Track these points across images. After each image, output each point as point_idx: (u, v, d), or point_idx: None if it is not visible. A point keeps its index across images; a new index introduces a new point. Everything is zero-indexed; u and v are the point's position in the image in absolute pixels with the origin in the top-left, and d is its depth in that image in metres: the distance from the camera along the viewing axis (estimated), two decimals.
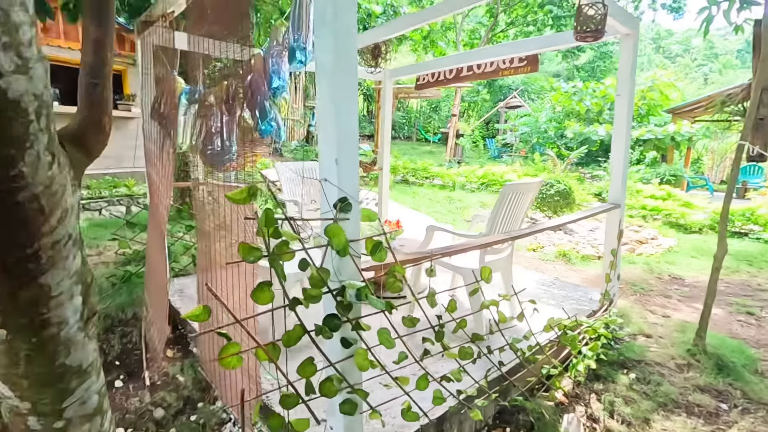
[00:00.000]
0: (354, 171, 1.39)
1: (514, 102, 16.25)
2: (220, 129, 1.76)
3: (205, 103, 1.97)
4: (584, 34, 2.30)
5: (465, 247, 1.87)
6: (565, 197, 6.65)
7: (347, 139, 1.35)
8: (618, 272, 3.24)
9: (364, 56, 3.27)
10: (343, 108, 1.32)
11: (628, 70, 3.09)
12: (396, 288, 1.55)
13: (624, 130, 3.14)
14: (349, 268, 1.42)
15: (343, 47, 1.29)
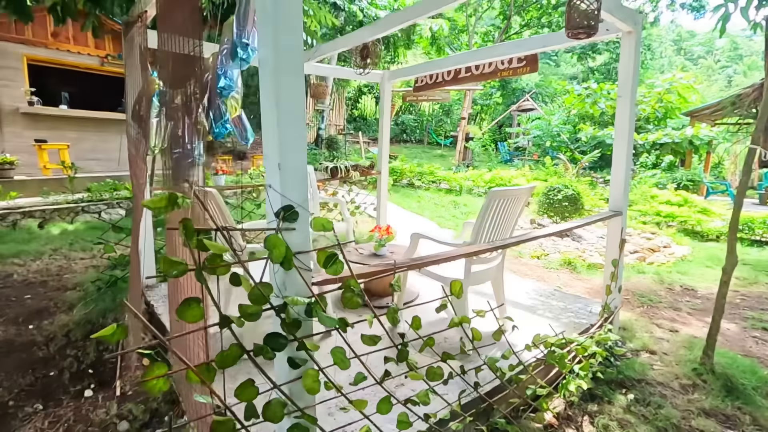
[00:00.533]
0: (301, 177, 1.28)
1: (526, 105, 15.96)
2: (182, 132, 1.68)
3: (171, 105, 1.89)
4: (576, 31, 2.15)
5: (438, 258, 1.74)
6: (573, 203, 6.43)
7: (292, 142, 1.24)
8: (620, 284, 3.05)
9: (353, 57, 3.18)
10: (286, 109, 1.21)
11: (630, 70, 2.91)
12: (353, 304, 1.43)
13: (626, 134, 2.96)
14: (296, 282, 1.31)
15: (285, 42, 1.18)
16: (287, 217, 1.26)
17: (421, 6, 2.53)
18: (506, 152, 16.76)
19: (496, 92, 24.01)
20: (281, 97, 1.20)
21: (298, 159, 1.26)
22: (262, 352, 1.24)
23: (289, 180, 1.25)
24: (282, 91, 1.20)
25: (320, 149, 14.82)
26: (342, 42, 3.25)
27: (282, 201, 1.25)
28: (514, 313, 3.08)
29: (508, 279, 3.95)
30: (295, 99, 1.22)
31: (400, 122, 22.73)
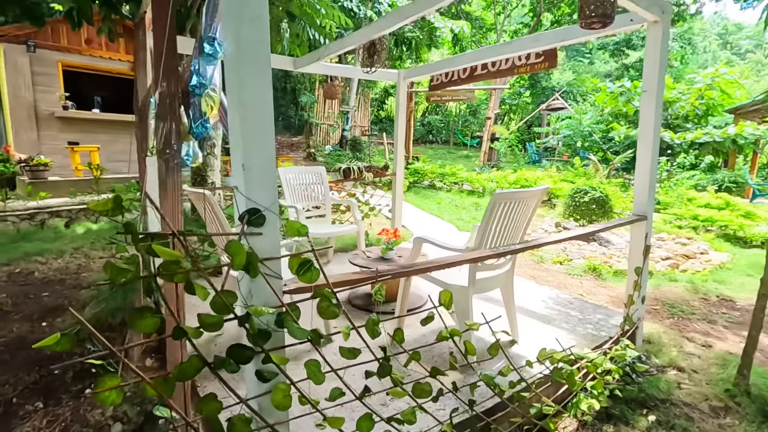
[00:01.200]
0: (268, 179, 1.20)
1: (556, 104, 15.43)
2: (168, 132, 1.63)
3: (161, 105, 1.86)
4: (589, 20, 1.98)
5: (428, 265, 1.62)
6: (601, 205, 6.11)
7: (258, 142, 1.17)
8: (643, 294, 2.83)
9: (359, 56, 3.09)
10: (249, 105, 1.14)
11: (656, 63, 2.69)
12: (330, 314, 1.34)
13: (651, 132, 2.74)
14: (264, 290, 1.23)
15: (247, 34, 1.11)
16: (253, 222, 1.18)
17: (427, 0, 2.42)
18: (534, 153, 16.28)
19: (525, 91, 23.43)
20: (244, 94, 1.13)
21: (264, 159, 1.18)
22: (224, 365, 1.16)
23: (254, 181, 1.17)
24: (245, 86, 1.12)
25: (344, 150, 14.86)
26: (349, 40, 3.17)
27: (247, 204, 1.18)
28: (527, 323, 2.91)
29: (525, 286, 3.76)
30: (259, 95, 1.15)
31: (426, 123, 22.52)
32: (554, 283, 4.39)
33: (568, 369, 1.91)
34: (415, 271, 1.57)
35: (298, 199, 4.07)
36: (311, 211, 4.16)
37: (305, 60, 3.83)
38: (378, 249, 3.37)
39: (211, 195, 2.15)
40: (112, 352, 1.05)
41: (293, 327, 1.24)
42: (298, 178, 4.08)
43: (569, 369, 1.91)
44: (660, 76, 2.71)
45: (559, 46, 3.45)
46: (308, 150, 15.02)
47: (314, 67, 3.91)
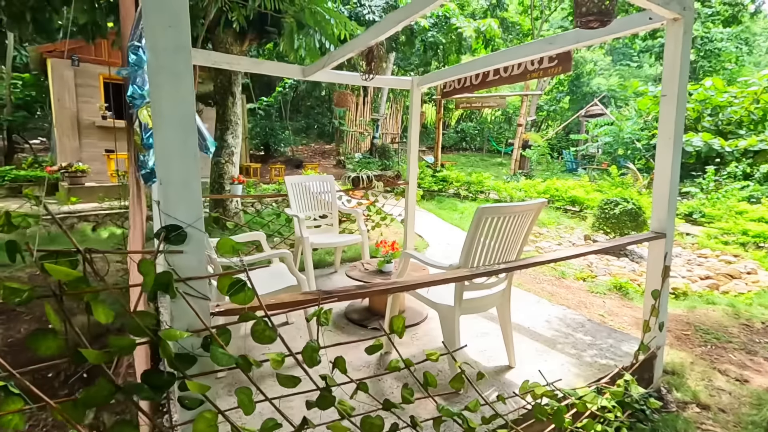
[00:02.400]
0: (191, 194, 1.13)
1: (594, 110, 14.71)
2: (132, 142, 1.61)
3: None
4: (585, 19, 1.80)
5: (388, 287, 1.49)
6: (633, 218, 5.69)
7: (178, 155, 1.10)
8: (662, 320, 2.54)
9: (357, 63, 3.02)
10: (167, 114, 1.07)
11: (676, 64, 2.44)
12: (265, 338, 1.24)
13: (671, 140, 2.48)
14: (187, 312, 1.15)
15: (165, 38, 1.04)
16: (172, 239, 1.11)
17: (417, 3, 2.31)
18: (571, 160, 15.60)
19: (564, 97, 22.62)
20: (162, 101, 1.06)
21: (186, 173, 1.11)
22: (138, 390, 1.10)
23: (174, 196, 1.11)
24: (162, 96, 1.06)
25: (374, 158, 14.87)
26: (349, 47, 3.11)
27: (166, 220, 1.11)
28: (528, 346, 2.69)
29: (535, 304, 3.52)
30: (178, 105, 1.08)
31: (460, 130, 22.18)
32: (573, 302, 4.09)
33: (555, 405, 1.71)
34: (370, 292, 1.44)
35: (304, 208, 4.03)
36: (318, 220, 4.11)
37: (312, 68, 3.80)
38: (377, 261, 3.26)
39: None
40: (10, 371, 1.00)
41: (217, 352, 1.16)
42: (304, 186, 4.04)
43: (556, 405, 1.71)
44: (681, 78, 2.45)
45: (575, 48, 3.23)
46: (338, 157, 15.16)
47: (322, 75, 3.87)
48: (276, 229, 4.56)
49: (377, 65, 2.85)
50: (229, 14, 4.61)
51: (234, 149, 5.57)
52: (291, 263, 2.36)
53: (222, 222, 4.56)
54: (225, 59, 3.68)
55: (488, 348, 2.65)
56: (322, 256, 4.61)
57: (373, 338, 1.34)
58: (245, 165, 11.26)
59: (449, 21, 10.76)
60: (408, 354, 2.61)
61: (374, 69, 2.92)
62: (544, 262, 2.01)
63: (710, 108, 10.79)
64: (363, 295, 1.43)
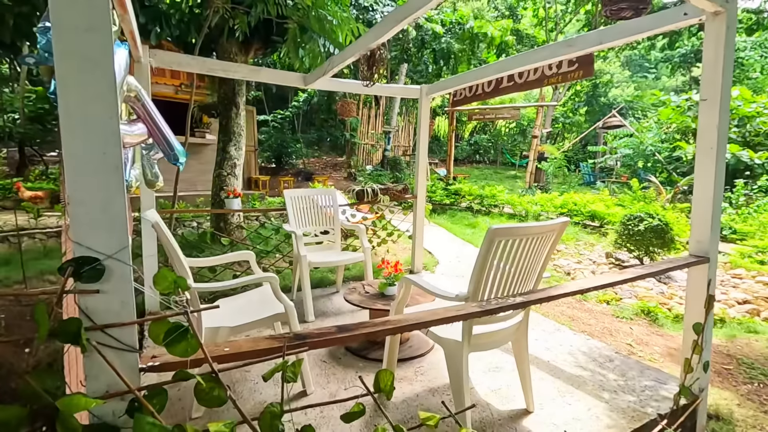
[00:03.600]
0: (114, 217, 0.87)
1: (613, 121, 14.26)
2: None
3: None
4: (616, 7, 1.52)
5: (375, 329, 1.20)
6: (660, 235, 5.29)
7: (92, 167, 0.85)
8: (707, 359, 2.19)
9: (359, 68, 2.78)
10: (79, 118, 0.83)
11: (718, 64, 2.13)
12: (213, 401, 0.97)
13: (713, 149, 2.17)
14: (105, 369, 0.89)
15: (75, 16, 0.80)
16: (84, 275, 0.85)
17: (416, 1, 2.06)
18: (589, 173, 15.13)
19: (580, 108, 22.17)
20: (69, 97, 0.82)
21: (105, 189, 0.86)
22: None
23: (88, 220, 0.85)
24: (70, 87, 0.82)
25: (385, 170, 14.65)
26: (348, 52, 2.88)
27: (77, 251, 0.85)
28: (549, 385, 2.36)
29: (555, 333, 3.17)
30: (93, 99, 0.83)
31: (473, 142, 21.89)
32: (597, 328, 3.71)
33: None
34: (352, 337, 1.16)
35: (304, 224, 3.78)
36: (320, 236, 3.85)
37: (313, 76, 3.59)
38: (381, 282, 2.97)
39: (155, 220, 1.89)
40: None
41: (143, 423, 0.88)
42: (305, 200, 3.80)
43: None
44: (725, 80, 2.14)
45: (597, 51, 2.94)
46: (349, 170, 14.98)
47: (323, 83, 3.66)
48: (276, 244, 4.32)
49: (379, 69, 2.61)
50: (230, 22, 4.46)
51: (237, 161, 5.38)
52: (276, 288, 2.09)
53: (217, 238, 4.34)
54: (221, 66, 3.50)
55: (502, 386, 2.32)
56: (324, 274, 4.34)
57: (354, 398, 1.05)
58: (254, 177, 11.14)
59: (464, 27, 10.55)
60: (412, 392, 2.31)
61: (376, 73, 2.67)
62: (570, 294, 1.71)
63: (737, 119, 10.29)
64: (342, 340, 1.15)
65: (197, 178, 8.90)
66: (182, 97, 8.82)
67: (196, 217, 6.17)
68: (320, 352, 2.68)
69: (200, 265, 2.60)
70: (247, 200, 7.82)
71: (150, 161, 2.61)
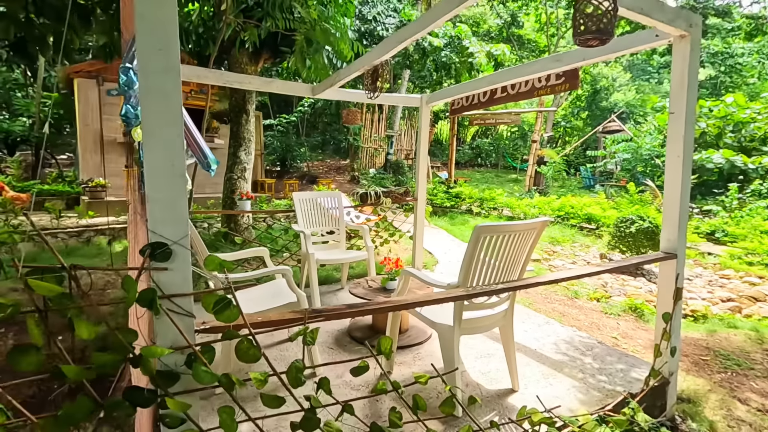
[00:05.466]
0: (177, 212, 1.15)
1: (612, 126, 14.50)
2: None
3: None
4: (584, 37, 1.78)
5: (375, 306, 1.47)
6: (650, 237, 5.53)
7: (165, 174, 1.12)
8: (675, 344, 2.44)
9: (364, 81, 3.06)
10: (157, 137, 1.10)
11: (683, 82, 2.39)
12: (250, 357, 1.24)
13: (680, 157, 2.42)
14: (170, 329, 1.16)
15: (155, 64, 1.08)
16: (157, 256, 1.13)
17: (420, 22, 2.34)
18: (588, 177, 15.36)
19: (581, 113, 22.42)
20: (151, 122, 1.09)
21: (172, 192, 1.13)
22: (118, 407, 1.10)
23: (160, 214, 1.12)
24: (152, 115, 1.09)
25: (388, 173, 14.94)
26: (355, 66, 3.16)
27: (152, 238, 1.13)
28: (534, 369, 2.61)
29: (544, 325, 3.42)
30: (167, 123, 1.10)
31: (475, 146, 22.16)
32: (585, 323, 3.96)
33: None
34: (359, 312, 1.43)
35: (311, 224, 4.05)
36: (326, 236, 4.12)
37: (321, 87, 3.87)
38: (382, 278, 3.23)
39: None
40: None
41: (199, 371, 1.15)
42: (312, 202, 4.07)
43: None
44: (690, 96, 2.40)
45: (581, 66, 3.21)
46: (352, 173, 15.27)
47: (330, 93, 3.94)
48: (284, 244, 4.59)
49: (382, 84, 2.89)
50: (241, 35, 4.76)
51: (247, 165, 5.67)
52: (290, 279, 2.36)
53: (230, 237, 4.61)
54: (236, 79, 3.78)
55: (492, 370, 2.58)
56: (330, 272, 4.61)
57: (360, 358, 1.32)
58: (260, 180, 11.44)
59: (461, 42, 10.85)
60: (409, 374, 2.56)
61: (379, 88, 2.95)
62: (546, 283, 1.97)
63: (732, 124, 10.52)
64: (351, 314, 1.42)
65: (206, 181, 9.20)
66: (192, 103, 9.14)
67: (207, 218, 6.46)
68: (328, 340, 2.94)
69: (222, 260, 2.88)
70: (255, 202, 8.11)
71: None
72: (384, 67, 2.85)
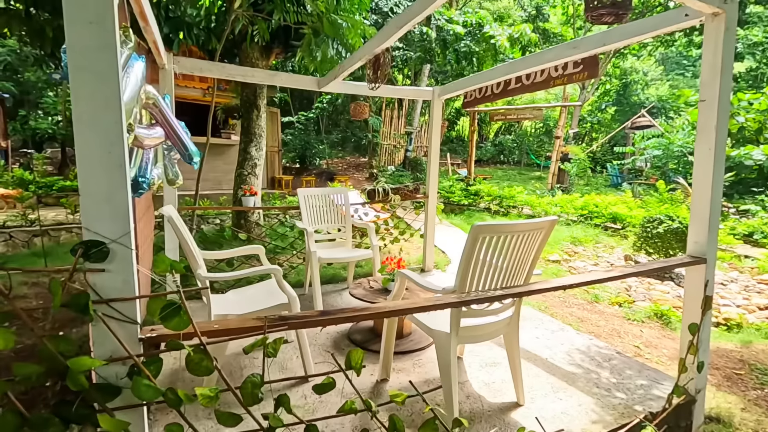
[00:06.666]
0: (117, 207, 1.02)
1: (642, 121, 13.83)
2: None
3: None
4: (597, 13, 1.58)
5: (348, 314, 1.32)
6: (679, 238, 5.16)
7: (99, 164, 1.00)
8: (703, 359, 2.19)
9: (365, 71, 2.90)
10: (90, 122, 0.98)
11: (716, 65, 2.14)
12: (202, 370, 1.11)
13: (711, 150, 2.17)
14: (107, 337, 1.04)
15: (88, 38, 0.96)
16: (92, 256, 1.01)
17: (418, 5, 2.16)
18: (616, 174, 14.73)
19: (609, 107, 21.59)
20: (82, 105, 0.97)
21: (110, 183, 1.01)
22: (47, 425, 0.99)
23: (93, 209, 1.00)
24: (83, 97, 0.97)
25: (406, 171, 14.75)
26: (357, 56, 3.00)
27: (86, 236, 1.01)
28: (543, 381, 2.41)
29: (559, 332, 3.19)
30: (101, 107, 0.98)
31: (498, 143, 21.68)
32: (605, 330, 3.69)
33: None
34: (321, 321, 1.27)
35: (317, 221, 3.93)
36: (332, 234, 4.00)
37: (326, 79, 3.74)
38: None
39: (168, 214, 2.07)
40: None
41: (140, 384, 1.03)
42: (317, 199, 3.95)
43: None
44: (723, 81, 2.14)
45: (601, 52, 2.96)
46: (371, 170, 15.15)
47: (336, 86, 3.81)
48: (291, 241, 4.50)
49: (383, 73, 2.72)
50: (250, 29, 4.68)
51: (257, 161, 5.61)
52: (280, 279, 2.23)
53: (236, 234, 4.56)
54: (240, 72, 3.69)
55: (496, 380, 2.39)
56: (337, 271, 4.49)
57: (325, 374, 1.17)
58: (278, 177, 11.46)
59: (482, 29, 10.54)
60: (407, 382, 2.40)
61: (380, 77, 2.79)
62: (552, 289, 1.77)
63: None
64: (323, 323, 1.27)
65: (223, 177, 9.25)
66: (209, 100, 9.19)
67: (219, 214, 6.45)
68: (325, 343, 2.81)
69: (213, 257, 2.79)
70: (268, 199, 8.08)
71: (171, 161, 2.81)
72: (385, 56, 2.69)
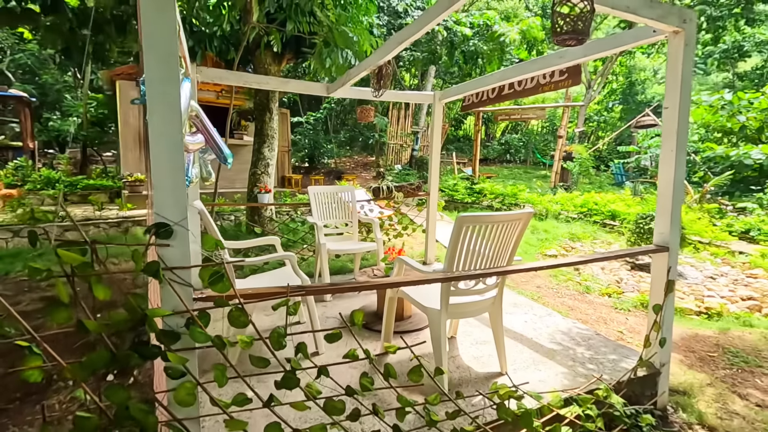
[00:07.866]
0: (178, 198, 1.36)
1: (646, 120, 13.94)
2: None
3: None
4: (561, 37, 1.88)
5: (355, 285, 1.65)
6: None
7: (167, 166, 1.34)
8: (665, 336, 2.49)
9: (371, 80, 3.23)
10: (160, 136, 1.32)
11: (677, 77, 2.43)
12: (240, 323, 1.45)
13: (673, 151, 2.46)
14: (173, 296, 1.38)
15: (157, 73, 1.30)
16: (160, 234, 1.35)
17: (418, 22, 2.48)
18: (620, 173, 14.89)
19: (615, 106, 21.67)
20: (156, 123, 1.31)
21: (174, 181, 1.35)
22: (129, 358, 1.33)
23: (163, 200, 1.35)
24: (156, 117, 1.31)
25: (413, 169, 15.06)
26: (363, 66, 3.33)
27: (156, 219, 1.35)
28: (526, 356, 2.72)
29: (545, 316, 3.50)
30: (168, 124, 1.32)
31: (504, 142, 21.88)
32: (593, 317, 3.99)
33: (524, 408, 1.78)
34: (331, 290, 1.61)
35: (326, 216, 4.27)
36: (340, 228, 4.34)
37: (335, 85, 4.07)
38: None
39: (200, 207, 2.41)
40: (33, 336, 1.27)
41: (195, 332, 1.37)
42: (327, 196, 4.29)
43: (525, 408, 1.77)
44: (683, 91, 2.43)
45: (584, 62, 3.24)
46: (378, 169, 15.49)
47: (344, 91, 4.13)
48: (302, 235, 4.85)
49: (386, 82, 3.05)
50: (265, 38, 5.03)
51: (270, 161, 5.98)
52: (294, 265, 2.58)
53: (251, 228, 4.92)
54: (255, 79, 4.04)
55: (484, 355, 2.71)
56: (345, 263, 4.83)
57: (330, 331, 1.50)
58: (288, 176, 11.85)
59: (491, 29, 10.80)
60: (406, 357, 2.73)
61: (383, 86, 3.11)
62: (523, 270, 2.08)
63: None
64: (332, 291, 1.60)
65: (236, 176, 9.65)
66: (222, 102, 9.61)
67: (234, 211, 6.84)
68: (332, 324, 3.15)
69: (235, 246, 3.14)
70: (280, 196, 8.45)
71: (204, 162, 3.18)
72: (387, 67, 3.01)
